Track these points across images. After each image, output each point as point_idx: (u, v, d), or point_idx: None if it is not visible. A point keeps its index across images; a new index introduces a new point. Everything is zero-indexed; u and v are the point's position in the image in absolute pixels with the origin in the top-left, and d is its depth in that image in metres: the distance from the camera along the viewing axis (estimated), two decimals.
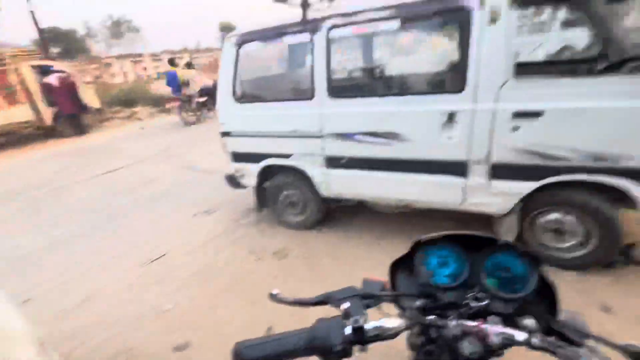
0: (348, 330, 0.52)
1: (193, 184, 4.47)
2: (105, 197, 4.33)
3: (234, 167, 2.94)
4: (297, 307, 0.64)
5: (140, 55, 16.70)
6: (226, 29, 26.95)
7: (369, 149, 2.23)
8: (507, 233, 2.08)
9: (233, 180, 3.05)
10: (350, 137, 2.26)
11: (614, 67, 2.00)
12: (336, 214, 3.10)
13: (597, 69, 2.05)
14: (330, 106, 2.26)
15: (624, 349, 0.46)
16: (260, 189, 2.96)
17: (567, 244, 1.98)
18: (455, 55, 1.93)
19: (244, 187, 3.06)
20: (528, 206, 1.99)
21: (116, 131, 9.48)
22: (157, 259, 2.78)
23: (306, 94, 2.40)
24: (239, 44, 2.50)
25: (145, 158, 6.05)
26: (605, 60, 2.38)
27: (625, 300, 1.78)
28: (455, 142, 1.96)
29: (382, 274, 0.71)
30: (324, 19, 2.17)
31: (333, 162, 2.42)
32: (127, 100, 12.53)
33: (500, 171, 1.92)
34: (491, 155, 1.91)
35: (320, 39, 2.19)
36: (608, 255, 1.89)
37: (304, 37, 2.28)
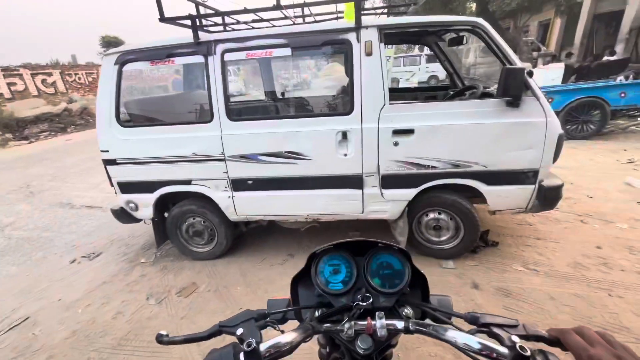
0: (242, 356, 0.50)
1: (69, 224, 3.69)
2: None
3: (123, 199, 2.56)
4: (190, 344, 0.60)
5: None
6: (110, 44, 23.83)
7: (273, 169, 2.27)
8: (401, 234, 2.38)
9: (123, 214, 2.64)
10: (254, 159, 2.26)
11: (458, 94, 2.57)
12: (247, 237, 3.01)
13: (447, 96, 2.59)
14: (231, 128, 2.22)
15: (464, 317, 0.58)
16: (158, 221, 2.65)
17: (444, 237, 2.39)
18: (343, 81, 2.17)
19: (137, 220, 2.68)
20: (413, 210, 2.33)
21: None
22: (15, 326, 2.15)
23: (204, 117, 2.30)
24: (122, 63, 2.25)
25: None
26: (452, 89, 3.04)
27: (488, 276, 2.23)
28: (350, 158, 2.17)
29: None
30: (217, 41, 2.15)
31: (238, 184, 2.36)
32: None
33: (388, 181, 2.21)
34: (380, 168, 2.18)
35: (214, 61, 2.16)
36: (472, 242, 2.34)
37: (197, 58, 2.21)
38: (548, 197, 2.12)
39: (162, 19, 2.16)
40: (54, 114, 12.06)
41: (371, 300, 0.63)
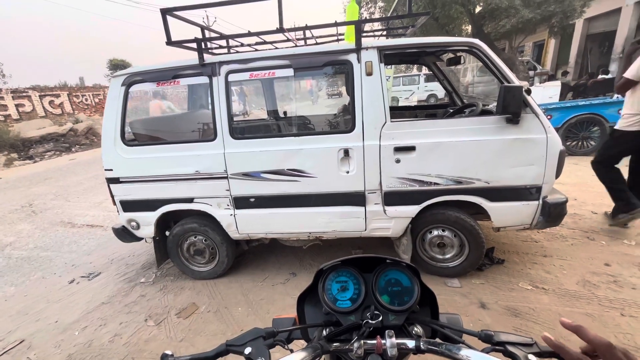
0: None
1: (69, 243, 3.66)
2: None
3: (125, 218, 2.55)
4: None
5: None
6: (117, 66, 24.61)
7: (275, 187, 2.27)
8: (405, 252, 2.34)
9: (124, 233, 2.63)
10: (257, 176, 2.27)
11: (458, 112, 2.61)
12: (249, 255, 2.97)
13: (447, 114, 2.63)
14: (234, 147, 2.24)
15: (477, 335, 0.56)
16: (159, 240, 2.63)
17: (449, 255, 2.35)
18: (345, 101, 2.20)
19: (138, 239, 2.66)
20: (416, 227, 2.30)
21: None
22: (9, 349, 2.09)
23: (208, 135, 2.34)
24: (128, 84, 2.32)
25: None
26: (451, 106, 3.09)
27: (495, 295, 2.17)
28: (352, 175, 2.18)
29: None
30: (222, 63, 2.21)
31: (241, 202, 2.36)
32: None
33: (391, 198, 2.20)
34: (382, 185, 2.18)
35: (219, 82, 2.21)
36: (478, 259, 2.30)
37: (202, 79, 2.27)
38: (553, 214, 2.10)
39: (169, 42, 2.24)
40: (60, 134, 12.27)
41: (380, 318, 0.62)
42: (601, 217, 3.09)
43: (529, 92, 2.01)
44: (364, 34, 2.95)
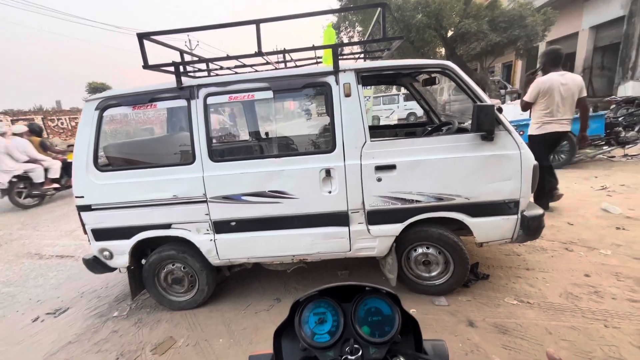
0: None
1: (36, 276, 3.41)
2: None
3: (97, 247, 2.40)
4: None
5: None
6: (97, 90, 24.22)
7: (257, 209, 2.21)
8: (391, 271, 2.31)
9: (96, 264, 2.47)
10: (237, 199, 2.21)
11: (435, 130, 2.68)
12: (230, 281, 2.85)
13: (426, 132, 2.70)
14: (213, 169, 2.19)
15: None
16: (134, 270, 2.49)
17: (435, 273, 2.34)
18: (325, 121, 2.23)
19: (112, 269, 2.51)
20: (401, 245, 2.29)
21: None
22: None
23: (186, 158, 2.28)
24: (102, 108, 2.25)
25: None
26: (429, 125, 3.17)
27: (482, 312, 2.15)
28: (334, 195, 2.16)
29: None
30: (200, 86, 2.20)
31: (221, 226, 2.28)
32: None
33: (374, 217, 2.19)
34: (365, 204, 2.17)
35: (197, 104, 2.19)
36: (463, 276, 2.29)
37: (180, 102, 2.24)
38: (531, 227, 2.14)
39: (146, 66, 2.22)
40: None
41: (360, 352, 0.59)
42: (577, 227, 3.19)
43: (500, 110, 2.09)
44: (344, 57, 3.04)
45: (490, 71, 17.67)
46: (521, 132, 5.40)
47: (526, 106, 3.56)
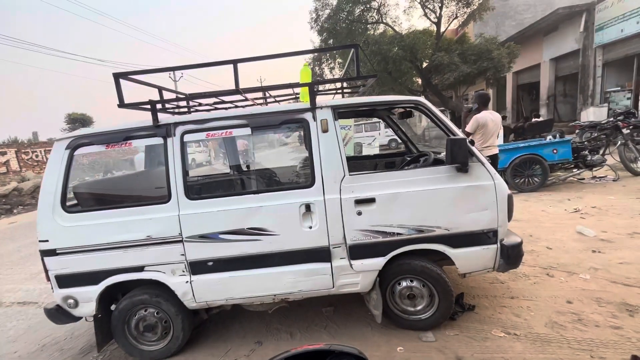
0: None
1: None
2: None
3: (60, 295, 2.22)
4: None
5: None
6: (76, 121, 23.73)
7: (235, 248, 2.14)
8: (376, 307, 2.24)
9: (59, 314, 2.27)
10: (215, 238, 2.13)
11: (413, 161, 2.74)
12: (209, 324, 2.67)
13: (404, 162, 2.76)
14: (189, 207, 2.13)
15: None
16: (102, 318, 2.30)
17: (420, 306, 2.28)
18: (304, 154, 2.23)
19: (76, 319, 2.31)
20: (384, 279, 2.24)
21: None
22: None
23: (161, 197, 2.21)
24: (73, 147, 2.18)
25: None
26: (408, 154, 3.25)
27: (470, 347, 2.09)
28: (315, 230, 2.12)
29: None
30: (177, 124, 2.19)
31: (198, 267, 2.17)
32: None
33: (356, 251, 2.15)
34: (346, 238, 2.13)
35: (174, 142, 2.16)
36: (449, 308, 2.25)
37: (156, 140, 2.20)
38: (511, 256, 2.16)
39: (122, 105, 2.20)
40: (1, 194, 11.15)
41: None
42: (556, 251, 3.25)
43: (472, 142, 2.17)
44: (322, 92, 3.14)
45: (465, 99, 18.71)
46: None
47: (468, 136, 4.15)
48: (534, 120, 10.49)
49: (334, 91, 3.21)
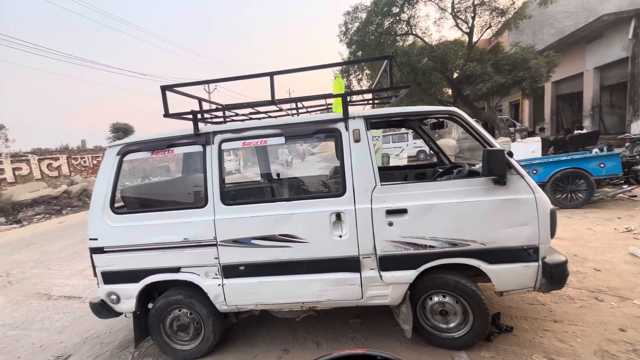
0: None
1: (42, 319, 3.36)
2: None
3: (104, 291, 2.38)
4: None
5: None
6: (120, 130, 25.62)
7: (266, 254, 2.19)
8: (405, 321, 2.17)
9: (102, 308, 2.43)
10: (247, 243, 2.20)
11: (446, 173, 2.68)
12: (237, 329, 2.72)
13: (436, 174, 2.70)
14: (224, 213, 2.22)
15: None
16: (140, 315, 2.42)
17: (453, 324, 2.18)
18: (334, 163, 2.26)
19: (117, 314, 2.46)
20: (415, 293, 2.18)
21: None
22: None
23: (198, 202, 2.32)
24: (123, 153, 2.37)
25: None
26: (440, 166, 3.18)
27: None
28: (345, 239, 2.12)
29: None
30: (216, 132, 2.31)
31: (230, 270, 2.24)
32: None
33: (387, 263, 2.12)
34: (376, 249, 2.11)
35: (212, 150, 2.28)
36: (484, 328, 2.13)
37: (196, 148, 2.34)
38: (555, 275, 2.02)
39: (167, 115, 2.36)
40: (53, 197, 12.19)
41: None
42: (605, 274, 2.99)
43: (510, 154, 2.09)
44: (353, 103, 3.17)
45: (498, 109, 18.00)
46: (534, 171, 5.34)
47: None
48: (576, 132, 9.84)
49: (365, 102, 3.24)
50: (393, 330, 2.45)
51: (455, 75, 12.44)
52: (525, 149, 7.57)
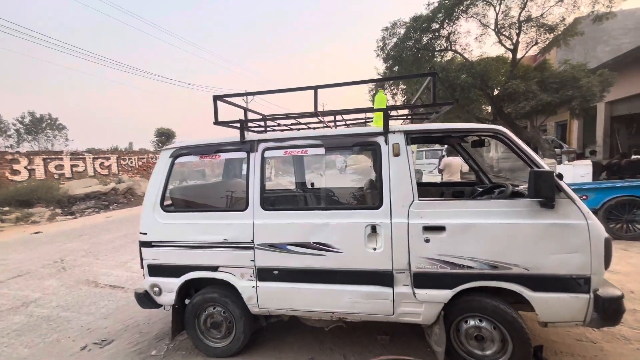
0: None
1: (90, 304, 3.65)
2: None
3: (149, 283, 2.56)
4: None
5: (59, 153, 15.47)
6: (163, 134, 27.56)
7: (300, 260, 2.24)
8: (438, 343, 2.10)
9: (146, 299, 2.60)
10: (282, 248, 2.27)
11: (487, 192, 2.59)
12: (265, 333, 2.78)
13: (476, 193, 2.62)
14: (263, 217, 2.31)
15: None
16: (178, 309, 2.57)
17: (489, 351, 2.07)
18: (372, 178, 2.29)
19: (158, 306, 2.62)
20: (450, 315, 2.10)
21: None
22: None
23: (239, 205, 2.44)
24: (175, 156, 2.57)
25: (27, 272, 4.89)
26: (479, 185, 3.08)
27: None
28: (379, 252, 2.12)
29: None
30: (260, 141, 2.44)
31: (264, 274, 2.32)
32: (24, 200, 10.78)
33: (421, 280, 2.08)
34: (411, 265, 2.08)
35: (256, 157, 2.41)
36: (525, 359, 2.00)
37: (241, 154, 2.48)
38: (608, 310, 1.86)
39: (217, 122, 2.54)
40: (102, 193, 13.29)
41: None
42: None
43: (560, 177, 1.99)
44: (391, 118, 3.20)
45: (542, 129, 16.97)
46: (584, 197, 4.96)
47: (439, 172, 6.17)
48: (634, 157, 9.00)
49: (403, 117, 3.25)
50: (423, 352, 2.37)
51: (495, 92, 12.00)
52: (574, 172, 7.05)
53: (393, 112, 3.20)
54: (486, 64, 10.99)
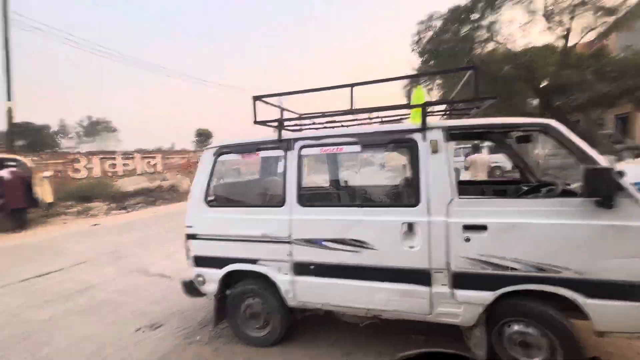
0: None
1: (142, 290, 3.99)
2: (26, 309, 3.64)
3: (194, 273, 2.75)
4: None
5: (113, 152, 17.03)
6: (202, 134, 29.17)
7: (336, 256, 2.27)
8: (478, 347, 2.03)
9: (191, 287, 2.80)
10: (318, 244, 2.32)
11: (533, 191, 2.44)
12: (300, 327, 2.86)
13: (521, 192, 2.48)
14: (300, 213, 2.38)
15: None
16: (220, 298, 2.73)
17: (536, 359, 1.96)
18: (409, 176, 2.26)
19: (202, 295, 2.80)
20: (492, 318, 2.02)
21: (62, 228, 8.69)
22: None
23: (277, 201, 2.54)
24: (218, 154, 2.73)
25: (88, 259, 5.45)
26: (523, 183, 2.90)
27: None
28: (416, 250, 2.09)
29: None
30: (297, 139, 2.51)
31: (301, 268, 2.39)
32: (84, 195, 11.99)
33: (461, 280, 2.02)
34: (450, 264, 2.03)
35: (293, 155, 2.48)
36: None
37: (278, 152, 2.57)
38: None
39: (256, 122, 2.65)
40: (149, 189, 14.36)
41: None
42: None
43: (622, 174, 1.82)
44: (429, 114, 3.11)
45: (599, 123, 15.41)
46: None
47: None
48: None
49: (442, 112, 3.15)
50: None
51: (543, 83, 11.12)
52: (637, 170, 6.34)
53: (430, 108, 3.11)
54: (533, 53, 10.23)
